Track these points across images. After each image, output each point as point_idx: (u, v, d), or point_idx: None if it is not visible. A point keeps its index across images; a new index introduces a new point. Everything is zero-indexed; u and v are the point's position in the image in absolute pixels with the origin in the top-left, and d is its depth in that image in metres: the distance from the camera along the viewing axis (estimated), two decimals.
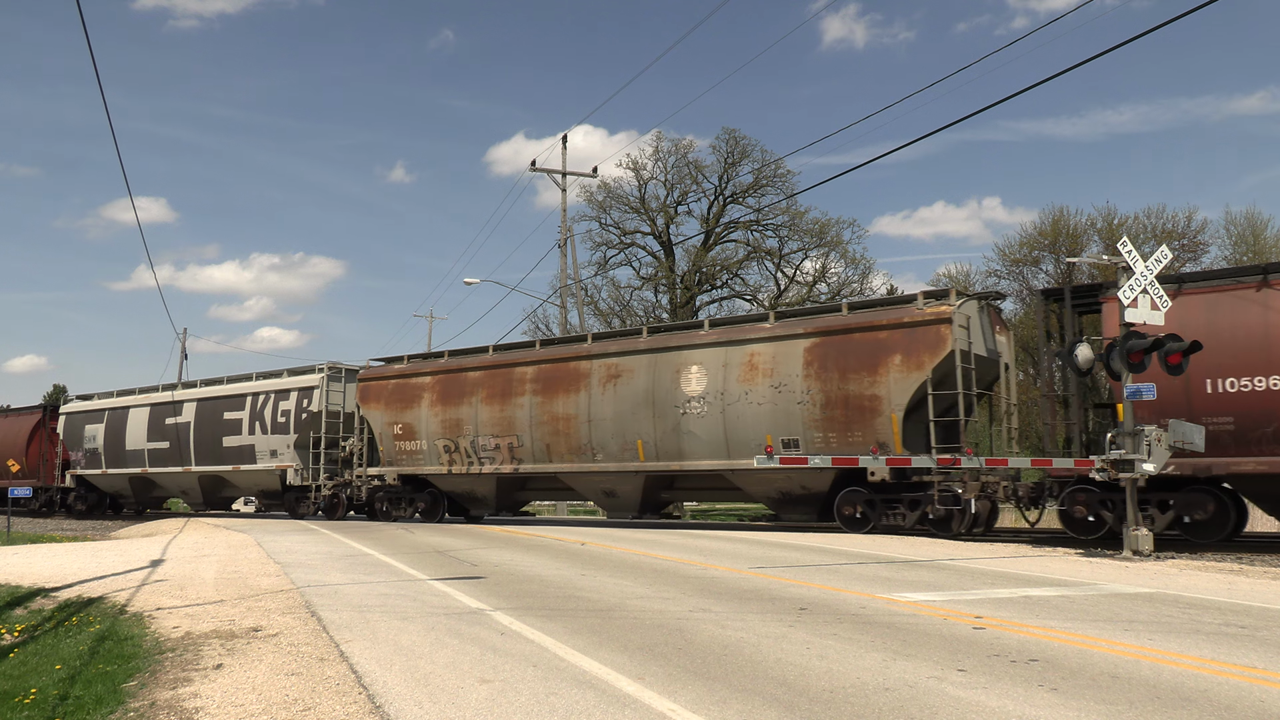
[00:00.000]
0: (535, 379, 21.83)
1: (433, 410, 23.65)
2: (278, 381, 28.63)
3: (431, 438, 23.59)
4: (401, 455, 24.49)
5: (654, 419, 19.74)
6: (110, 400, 34.84)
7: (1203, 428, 13.49)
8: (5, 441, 38.11)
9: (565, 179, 35.77)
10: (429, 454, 23.73)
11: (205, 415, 30.27)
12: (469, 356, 24.04)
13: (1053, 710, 4.86)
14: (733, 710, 4.93)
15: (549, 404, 21.40)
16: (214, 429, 29.82)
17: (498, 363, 22.91)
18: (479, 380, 23.05)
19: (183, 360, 48.85)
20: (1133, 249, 13.48)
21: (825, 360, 17.71)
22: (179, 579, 11.52)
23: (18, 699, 5.84)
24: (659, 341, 20.26)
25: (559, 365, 21.57)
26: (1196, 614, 7.89)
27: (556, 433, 21.26)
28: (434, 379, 23.93)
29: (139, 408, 32.97)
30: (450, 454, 23.26)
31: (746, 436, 18.39)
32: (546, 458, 21.49)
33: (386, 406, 24.78)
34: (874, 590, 9.34)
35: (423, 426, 23.83)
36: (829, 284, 43.26)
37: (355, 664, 6.22)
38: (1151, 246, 17.46)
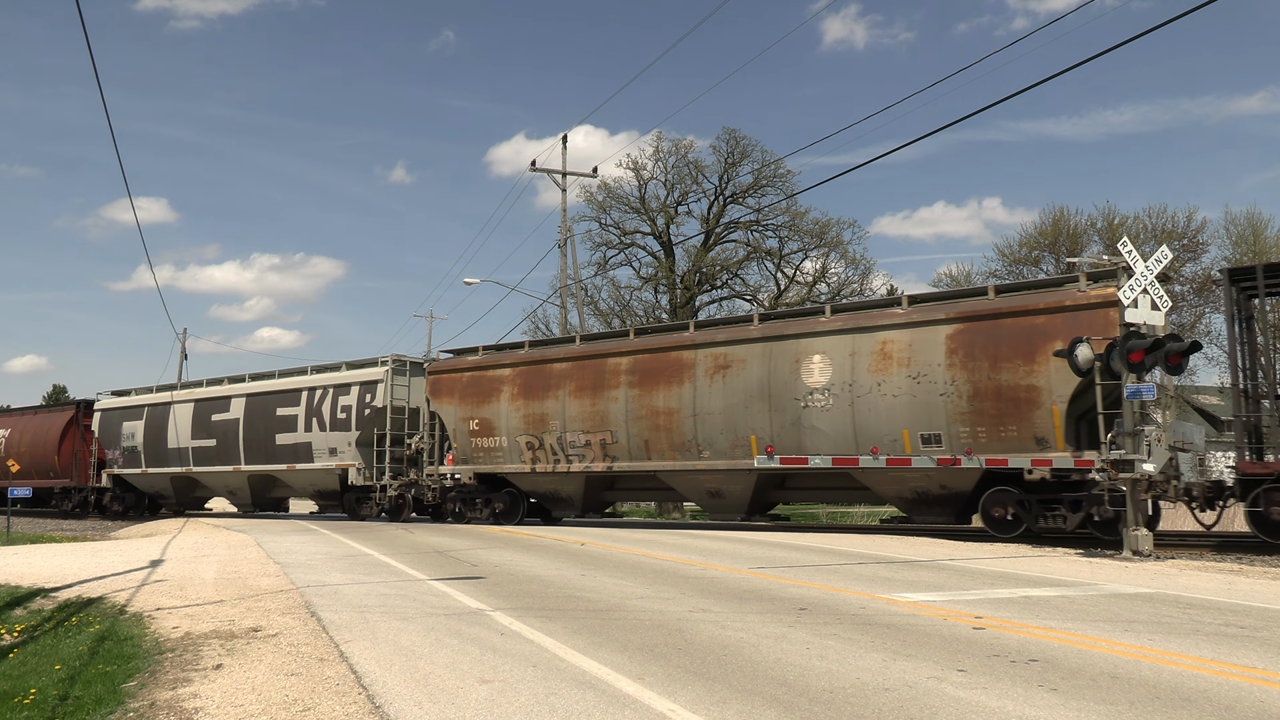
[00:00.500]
0: (631, 370, 20.39)
1: (513, 404, 22.24)
2: (337, 375, 26.81)
3: (512, 434, 22.20)
4: (478, 453, 22.96)
5: (770, 412, 18.30)
6: (149, 396, 33.05)
7: (1202, 428, 13.48)
8: (37, 440, 36.52)
9: (565, 179, 35.78)
10: (509, 451, 22.30)
11: (256, 411, 28.56)
12: (553, 347, 22.67)
13: (1053, 710, 4.86)
14: (732, 710, 4.93)
15: (647, 397, 19.98)
16: (266, 426, 28.11)
17: (587, 353, 21.46)
18: (566, 372, 21.57)
19: (182, 360, 48.82)
20: (1133, 249, 13.48)
21: (972, 348, 16.20)
22: (179, 579, 11.52)
23: (17, 699, 5.84)
24: (774, 329, 18.79)
25: (658, 355, 20.18)
26: (1196, 614, 7.89)
27: (656, 428, 19.82)
28: (514, 371, 22.54)
29: (182, 404, 31.27)
30: (534, 451, 21.83)
31: (879, 431, 17.01)
32: (644, 455, 20.04)
33: (461, 401, 23.29)
34: (874, 590, 9.34)
35: (502, 422, 22.43)
36: (829, 284, 43.29)
37: (355, 664, 6.22)
38: (1151, 246, 17.46)
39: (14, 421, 38.66)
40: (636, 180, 44.36)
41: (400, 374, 25.52)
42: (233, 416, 29.35)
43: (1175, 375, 13.68)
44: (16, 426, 37.96)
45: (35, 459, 36.09)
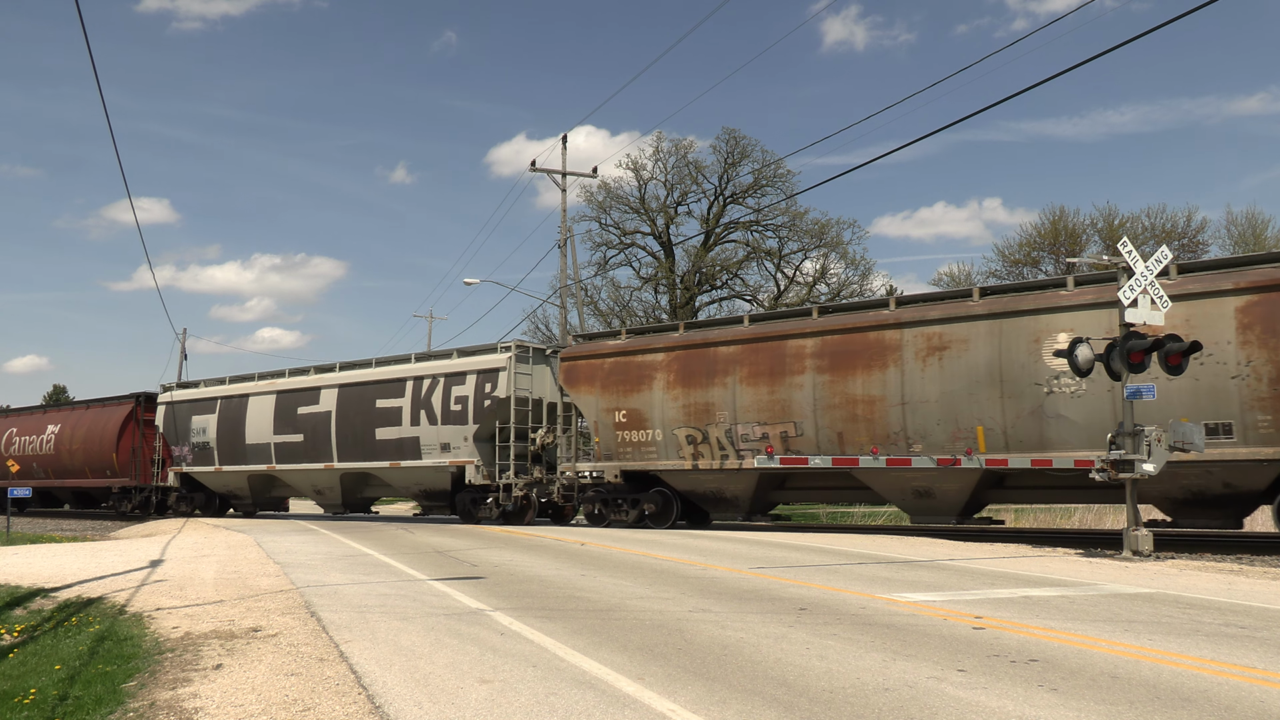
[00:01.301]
0: (818, 353, 18.17)
1: (669, 393, 20.00)
2: (448, 363, 24.50)
3: (668, 426, 19.94)
4: (625, 448, 20.71)
5: (1001, 400, 16.06)
6: (222, 388, 30.66)
7: (1202, 428, 13.47)
8: (92, 437, 34.13)
9: (565, 179, 35.77)
10: (664, 446, 20.04)
11: (351, 404, 26.15)
12: (716, 329, 20.48)
13: (1053, 710, 4.86)
14: (732, 710, 4.93)
15: (840, 383, 17.75)
16: (363, 419, 25.73)
17: (760, 335, 19.33)
18: (735, 356, 19.32)
19: (182, 360, 48.76)
20: (1133, 249, 13.48)
21: (1273, 322, 14.19)
22: (179, 579, 11.52)
23: (17, 699, 5.84)
24: (1003, 304, 16.45)
25: (852, 336, 17.89)
26: (1196, 614, 7.89)
27: (853, 418, 17.62)
28: (669, 356, 20.36)
29: (262, 396, 28.79)
30: (695, 446, 19.55)
31: (1149, 419, 14.54)
32: (837, 448, 17.81)
33: (604, 390, 21.12)
34: (874, 590, 9.34)
35: (656, 413, 20.18)
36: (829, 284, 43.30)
37: (355, 664, 6.22)
38: (1152, 246, 17.46)
39: (64, 417, 36.69)
40: (636, 180, 44.40)
41: (523, 361, 23.30)
42: (323, 409, 26.87)
43: (1175, 375, 13.67)
44: (67, 422, 35.99)
45: (90, 456, 34.01)
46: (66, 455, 35.01)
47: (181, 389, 32.45)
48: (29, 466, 36.62)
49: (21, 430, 38.03)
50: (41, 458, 36.40)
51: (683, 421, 19.83)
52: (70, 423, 35.61)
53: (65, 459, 35.13)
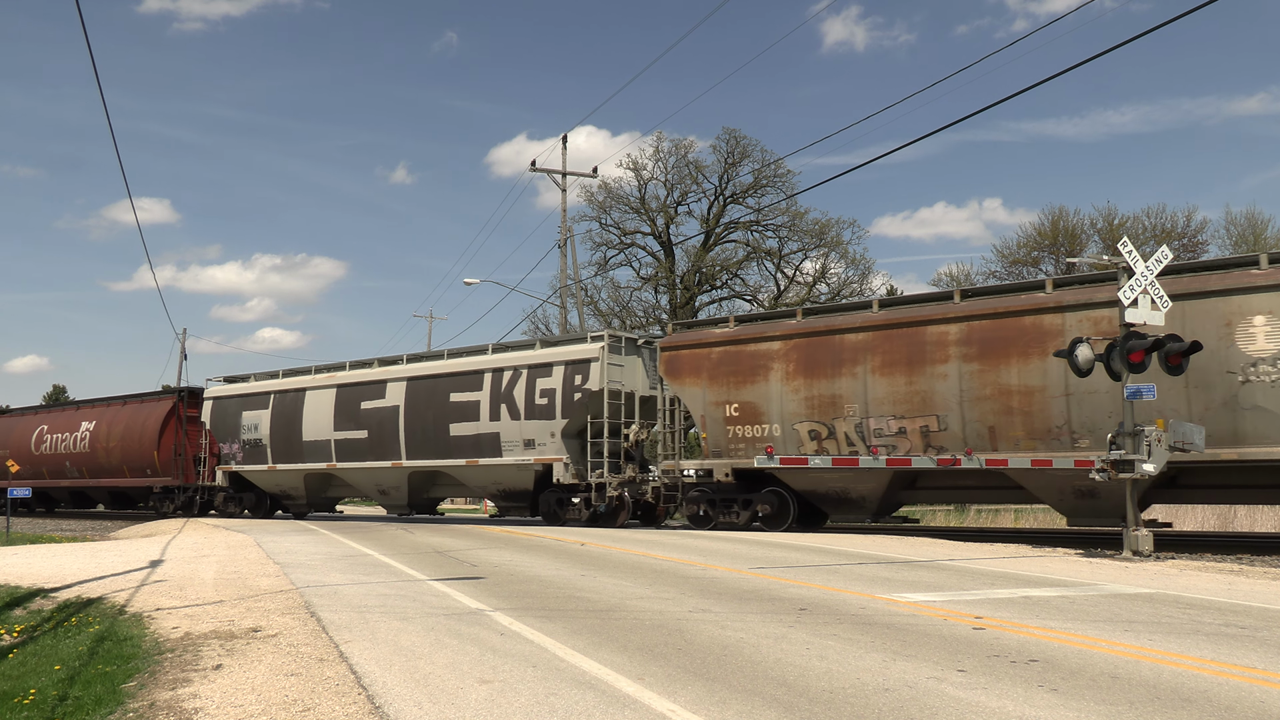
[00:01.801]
0: (964, 340, 16.65)
1: (789, 385, 18.51)
2: (532, 354, 22.95)
3: (788, 421, 18.44)
4: (737, 444, 19.27)
5: (1187, 390, 14.58)
6: (276, 381, 28.93)
7: (1202, 429, 13.47)
8: (131, 434, 32.27)
9: (565, 179, 35.79)
10: (783, 441, 18.61)
11: (421, 398, 24.60)
12: (840, 315, 18.96)
13: (1053, 711, 4.85)
14: (732, 710, 4.93)
15: (991, 372, 16.26)
16: (436, 414, 24.15)
17: (894, 321, 17.77)
18: (865, 344, 17.83)
19: (182, 360, 48.82)
20: (1133, 249, 13.48)
21: None
22: (178, 579, 11.52)
23: (17, 699, 5.84)
24: (1184, 285, 14.81)
25: (1004, 322, 16.43)
26: (1196, 614, 7.89)
27: (1007, 411, 16.13)
28: (787, 345, 18.82)
29: (321, 390, 27.12)
30: (819, 441, 18.09)
31: None
32: (989, 444, 16.29)
33: (711, 381, 19.69)
34: (874, 590, 9.34)
35: (773, 406, 18.68)
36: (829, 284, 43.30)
37: (355, 664, 6.22)
38: (1151, 246, 17.43)
39: (100, 413, 34.73)
40: (636, 180, 44.42)
41: (615, 351, 21.76)
42: (389, 404, 25.19)
43: (1175, 375, 13.67)
44: (103, 419, 34.12)
45: (128, 455, 32.31)
46: (103, 454, 33.47)
47: (230, 383, 30.70)
48: (61, 465, 35.49)
49: (53, 428, 36.48)
50: (75, 456, 34.86)
51: (804, 415, 18.30)
52: (106, 420, 33.94)
53: (101, 457, 33.60)
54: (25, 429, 37.77)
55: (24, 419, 38.95)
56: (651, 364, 22.43)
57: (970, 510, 32.56)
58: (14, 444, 37.43)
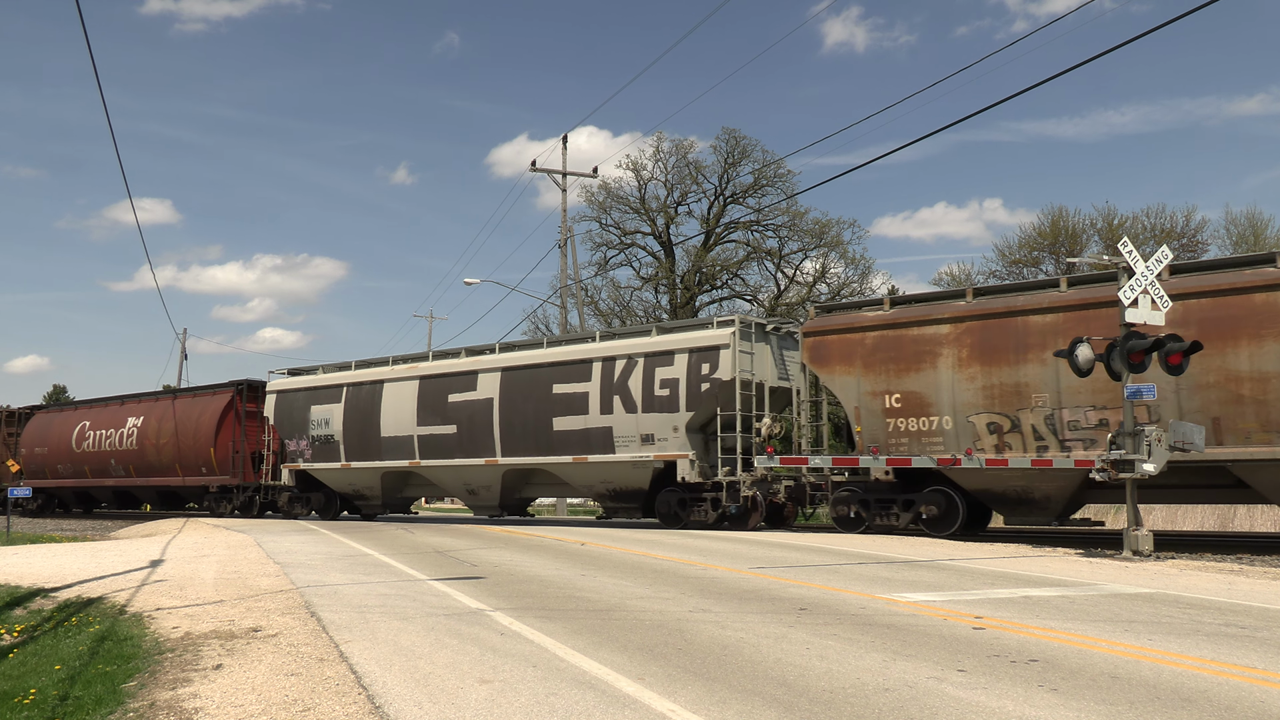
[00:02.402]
0: (1180, 321, 14.65)
1: (962, 372, 16.73)
2: (648, 341, 21.01)
3: (961, 412, 16.72)
4: (899, 438, 17.57)
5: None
6: (349, 374, 26.89)
7: (1203, 428, 13.47)
8: (184, 430, 30.17)
9: (565, 179, 35.80)
10: (954, 436, 16.83)
11: (519, 389, 22.68)
12: (1021, 295, 16.98)
13: (1053, 710, 4.85)
14: (732, 710, 4.93)
15: (1216, 357, 14.39)
16: (537, 408, 22.24)
17: (1088, 300, 15.75)
18: (1054, 326, 15.90)
19: (182, 360, 48.85)
20: (1133, 249, 13.49)
21: None
22: (179, 579, 11.52)
23: (17, 699, 5.84)
24: None
25: (1228, 300, 14.52)
26: (1196, 614, 7.89)
27: (1236, 400, 14.32)
28: (958, 328, 16.98)
29: (401, 382, 25.15)
30: (1000, 435, 16.32)
31: None
32: (1211, 437, 14.33)
33: (866, 369, 17.95)
34: (874, 590, 9.34)
35: (943, 396, 16.92)
36: (829, 284, 43.31)
37: (355, 664, 6.22)
38: (1151, 246, 17.42)
39: (148, 409, 32.45)
40: (636, 180, 44.41)
41: (745, 338, 19.94)
42: (482, 396, 23.30)
43: (1175, 375, 13.67)
44: (152, 414, 31.95)
45: (182, 452, 30.23)
46: (153, 451, 31.26)
47: (295, 376, 28.65)
48: (105, 464, 33.36)
49: (96, 424, 34.16)
50: (122, 454, 32.57)
51: (982, 406, 16.56)
52: (156, 415, 31.72)
53: (151, 455, 31.38)
54: (65, 426, 35.77)
55: (63, 415, 37.10)
56: (779, 351, 20.74)
57: None
58: (53, 441, 35.78)
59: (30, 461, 36.63)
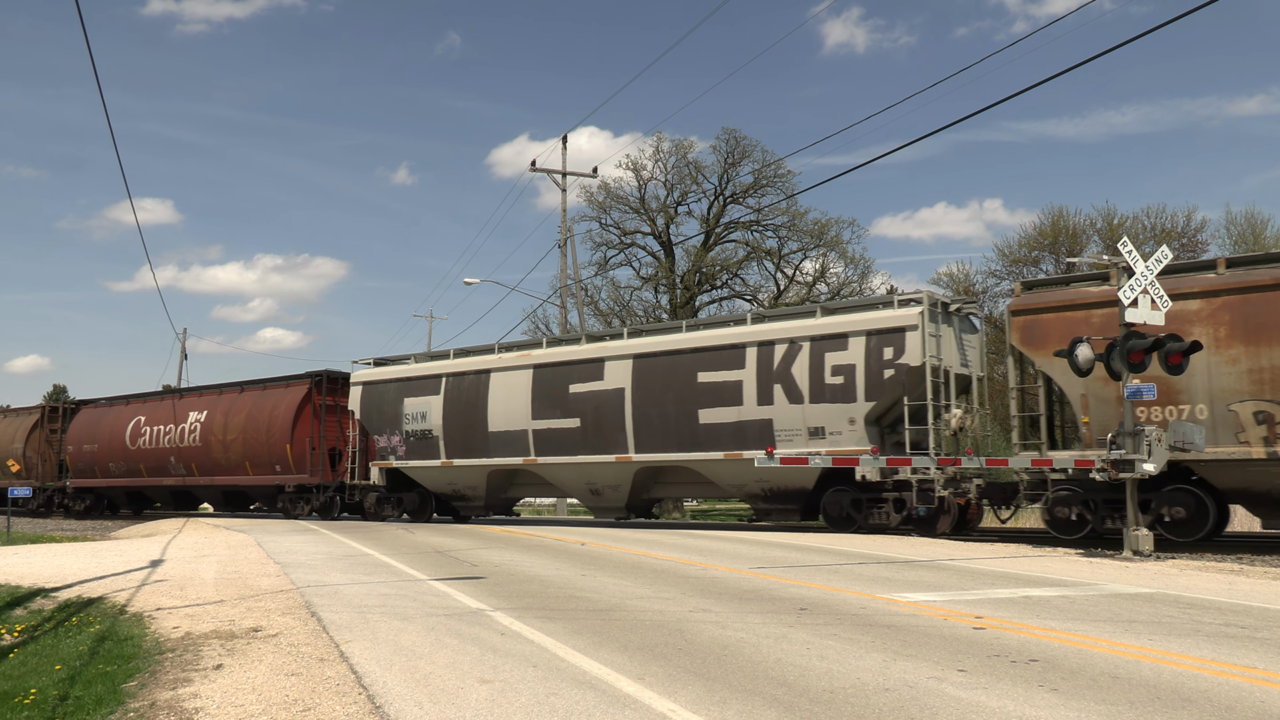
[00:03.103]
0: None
1: (1219, 355, 14.71)
2: (814, 323, 18.70)
3: (1219, 400, 14.70)
4: None
5: None
6: (448, 363, 24.50)
7: (1203, 428, 13.47)
8: (255, 426, 27.94)
9: (565, 179, 35.80)
10: (1211, 426, 14.68)
11: (655, 378, 20.42)
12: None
13: (1053, 710, 4.86)
14: (733, 710, 4.93)
15: None
16: (678, 399, 19.94)
17: None
18: None
19: (182, 360, 48.81)
20: (1133, 249, 13.48)
21: None
22: (179, 579, 11.53)
23: (18, 699, 5.84)
24: None
25: None
26: (1197, 614, 7.89)
27: None
28: (1211, 304, 14.90)
29: (512, 371, 22.89)
30: (1270, 426, 14.38)
31: None
32: None
33: None
34: (874, 590, 9.34)
35: (1195, 382, 14.80)
36: (829, 284, 43.31)
37: (355, 664, 6.22)
38: (1151, 246, 17.40)
39: (212, 402, 30.24)
40: (636, 180, 44.41)
41: (933, 319, 17.75)
42: (610, 386, 21.08)
43: (1175, 375, 13.67)
44: (217, 409, 29.71)
45: (252, 449, 28.02)
46: (219, 448, 29.05)
47: (384, 365, 26.24)
48: (163, 462, 30.96)
49: (152, 419, 31.80)
50: (182, 451, 30.26)
51: (1246, 393, 14.63)
52: (221, 409, 29.43)
53: (217, 453, 29.17)
54: (117, 421, 33.23)
55: (113, 410, 34.32)
56: (959, 335, 18.74)
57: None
58: (103, 437, 33.43)
59: (77, 460, 34.64)
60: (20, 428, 37.20)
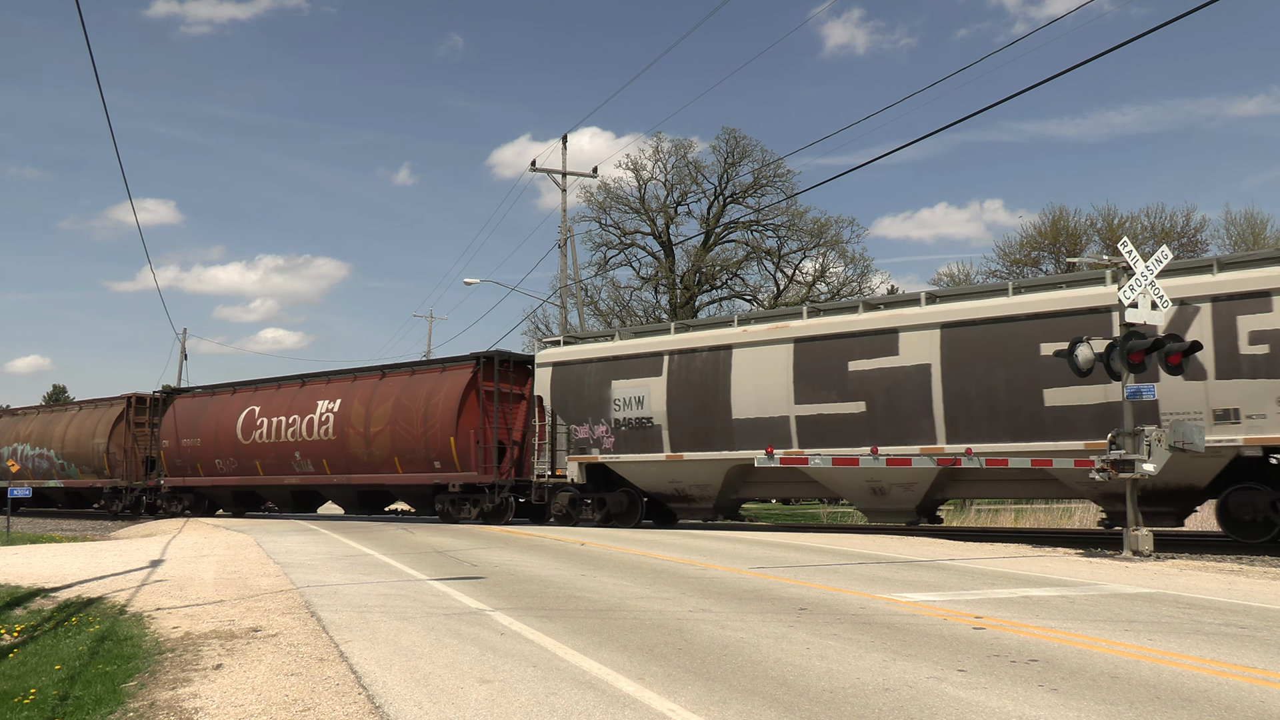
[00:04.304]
0: None
1: None
2: (1215, 281, 14.95)
3: None
4: None
5: None
6: (671, 338, 20.71)
7: (1202, 428, 13.46)
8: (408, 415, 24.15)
9: (565, 179, 35.80)
10: None
11: (978, 352, 16.82)
12: None
13: (1053, 710, 4.86)
14: (732, 710, 4.93)
15: None
16: (1012, 376, 16.34)
17: None
18: None
19: (182, 360, 48.73)
20: (1133, 249, 13.48)
21: None
22: (179, 579, 11.52)
23: (17, 699, 5.84)
24: None
25: None
26: (1196, 614, 7.89)
27: None
28: None
29: (762, 346, 19.20)
30: None
31: None
32: None
33: None
34: (874, 590, 9.34)
35: None
36: (828, 284, 43.31)
37: (355, 664, 6.22)
38: (1151, 246, 17.41)
39: (347, 389, 26.50)
40: (636, 180, 44.42)
41: None
42: (908, 363, 17.52)
43: (1175, 375, 13.67)
44: (355, 397, 25.96)
45: (403, 443, 24.30)
46: (358, 442, 25.29)
47: (578, 343, 22.62)
48: (285, 458, 27.31)
49: (269, 409, 28.14)
50: (310, 445, 26.60)
51: None
52: (359, 397, 25.76)
53: (355, 447, 25.40)
54: (224, 412, 29.69)
55: (216, 400, 30.58)
56: None
57: (970, 510, 32.55)
58: (207, 430, 29.92)
59: (174, 456, 31.07)
60: (102, 421, 33.46)
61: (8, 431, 37.83)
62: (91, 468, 33.56)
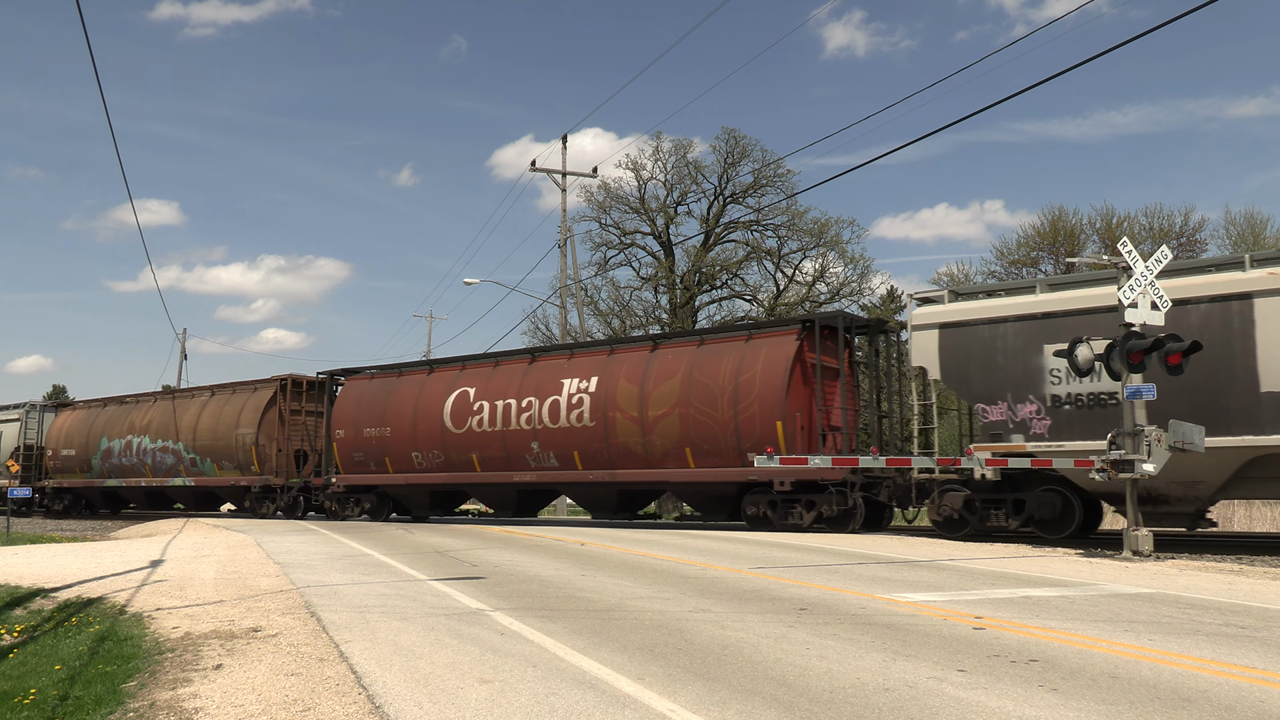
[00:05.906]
0: None
1: None
2: None
3: None
4: None
5: None
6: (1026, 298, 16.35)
7: (1202, 428, 13.46)
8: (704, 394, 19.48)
9: (565, 179, 35.80)
10: None
11: None
12: None
13: (1053, 710, 4.86)
14: (732, 710, 4.93)
15: None
16: None
17: None
18: None
19: (182, 360, 48.71)
20: (1133, 249, 13.48)
21: None
22: (179, 579, 11.52)
23: (17, 699, 5.84)
24: None
25: None
26: (1196, 614, 7.89)
27: None
28: None
29: None
30: None
31: None
32: None
33: None
34: (874, 590, 9.34)
35: None
36: (828, 284, 43.31)
37: (355, 664, 6.22)
38: (1150, 246, 17.41)
39: (602, 365, 21.58)
40: (636, 180, 44.42)
41: None
42: None
43: (1175, 375, 13.66)
44: (618, 372, 21.13)
45: (699, 430, 19.57)
46: (628, 430, 20.50)
47: (969, 299, 17.20)
48: (519, 450, 22.38)
49: (488, 391, 23.19)
50: (554, 435, 21.71)
51: None
52: (627, 374, 20.84)
53: (624, 435, 20.60)
54: (422, 395, 24.57)
55: (408, 381, 25.41)
56: None
57: None
58: (398, 417, 24.86)
59: (351, 449, 25.83)
60: (248, 408, 28.85)
61: (118, 422, 32.95)
62: (234, 463, 28.68)
